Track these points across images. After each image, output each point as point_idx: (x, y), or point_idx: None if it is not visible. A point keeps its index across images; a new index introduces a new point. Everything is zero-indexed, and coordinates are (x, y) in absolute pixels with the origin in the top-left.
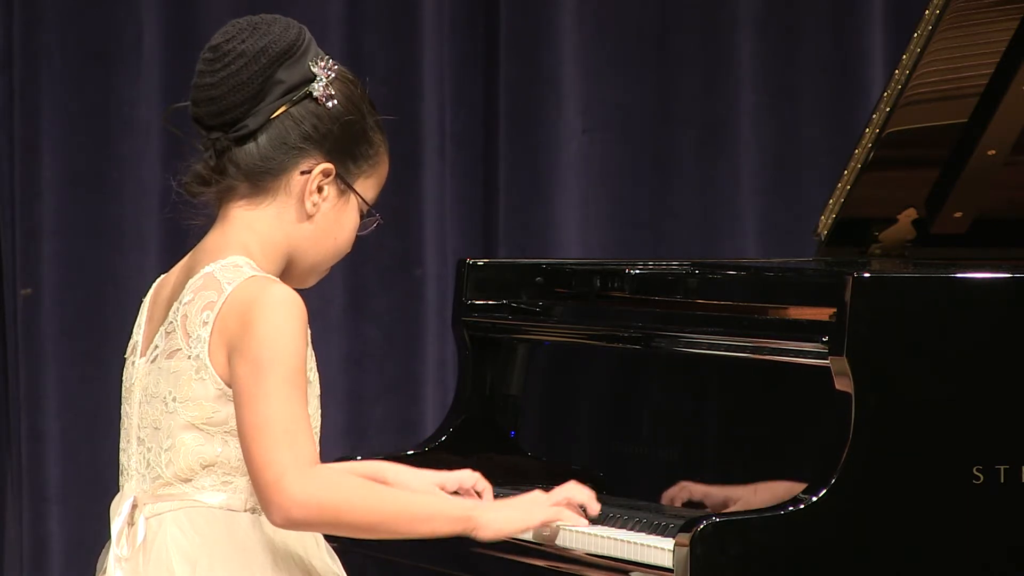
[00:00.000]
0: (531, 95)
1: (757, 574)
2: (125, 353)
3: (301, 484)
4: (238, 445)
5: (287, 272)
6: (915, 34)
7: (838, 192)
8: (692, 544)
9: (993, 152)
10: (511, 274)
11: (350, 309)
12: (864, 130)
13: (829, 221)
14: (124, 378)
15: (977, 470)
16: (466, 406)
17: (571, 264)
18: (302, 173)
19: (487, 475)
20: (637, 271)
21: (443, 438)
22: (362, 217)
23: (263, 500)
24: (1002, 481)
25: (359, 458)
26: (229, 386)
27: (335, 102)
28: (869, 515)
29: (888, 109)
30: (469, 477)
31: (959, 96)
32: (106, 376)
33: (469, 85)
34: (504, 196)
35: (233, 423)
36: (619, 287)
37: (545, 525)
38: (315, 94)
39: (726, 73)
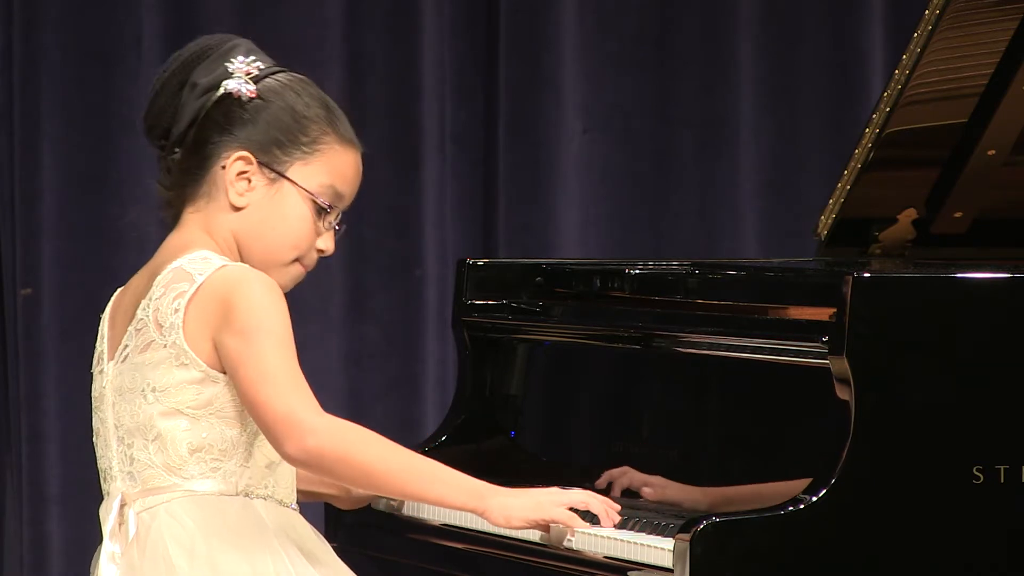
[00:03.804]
0: (531, 95)
1: (757, 574)
2: (91, 369)
3: (316, 416)
4: (224, 427)
5: None
6: (915, 34)
7: (838, 192)
8: (692, 544)
9: (993, 152)
10: (511, 274)
11: (350, 309)
12: (864, 130)
13: (829, 221)
14: (93, 390)
15: (977, 470)
16: (466, 406)
17: (571, 264)
18: (223, 168)
19: (487, 475)
20: (637, 271)
21: (443, 438)
22: (323, 211)
23: (276, 436)
24: (1002, 481)
25: None
26: (217, 370)
27: (251, 96)
28: (869, 515)
29: (888, 109)
30: None
31: (959, 96)
32: None
33: (469, 85)
34: (504, 196)
35: (218, 403)
36: (619, 287)
37: (555, 523)
38: (230, 89)
39: (726, 73)
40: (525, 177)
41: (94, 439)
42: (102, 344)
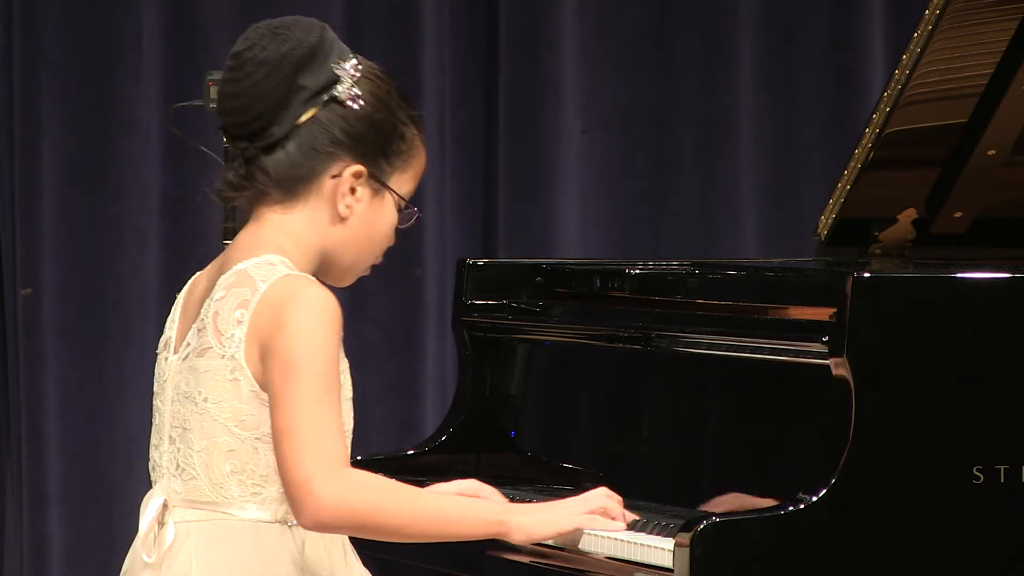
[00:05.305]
0: (531, 95)
1: (757, 574)
2: (157, 348)
3: (330, 487)
4: (268, 451)
5: (323, 271)
6: (915, 34)
7: (838, 192)
8: (692, 544)
9: (993, 152)
10: (511, 274)
11: (350, 309)
12: (864, 130)
13: (829, 221)
14: (156, 373)
15: (977, 470)
16: (466, 406)
17: (571, 264)
18: (333, 177)
19: (487, 475)
20: (637, 271)
21: (443, 438)
22: (399, 210)
23: (293, 502)
24: (1002, 481)
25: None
26: (262, 388)
27: (361, 103)
28: (869, 515)
29: (888, 109)
30: (469, 486)
31: (959, 96)
32: (106, 376)
33: (469, 85)
34: (504, 196)
35: (264, 428)
36: (619, 287)
37: (578, 530)
38: (340, 96)
39: (726, 73)
40: (525, 177)
41: (152, 422)
42: (171, 329)
